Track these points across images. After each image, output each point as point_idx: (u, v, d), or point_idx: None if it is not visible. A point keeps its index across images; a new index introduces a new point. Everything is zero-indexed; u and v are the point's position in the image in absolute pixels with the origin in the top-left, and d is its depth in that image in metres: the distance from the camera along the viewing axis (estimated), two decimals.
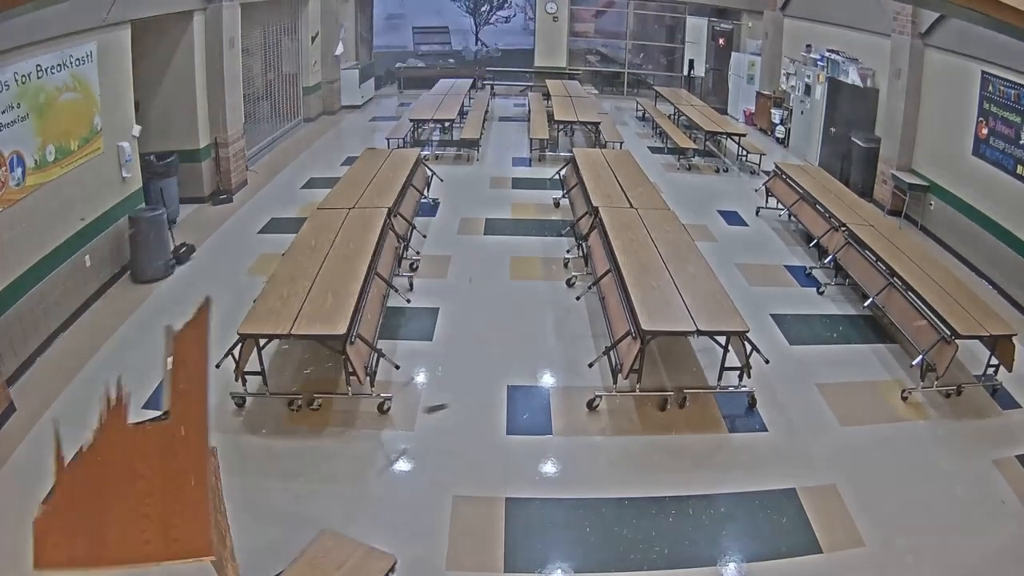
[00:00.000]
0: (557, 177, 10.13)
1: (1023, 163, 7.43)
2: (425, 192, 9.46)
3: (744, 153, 12.04)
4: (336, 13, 14.85)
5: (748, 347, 5.39)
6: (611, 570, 4.01)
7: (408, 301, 6.88)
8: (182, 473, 2.91)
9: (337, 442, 5.00)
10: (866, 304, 6.77)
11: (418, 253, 8.00)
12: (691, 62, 17.47)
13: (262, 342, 5.23)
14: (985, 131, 8.04)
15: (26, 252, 5.78)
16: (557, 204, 9.71)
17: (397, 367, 5.75)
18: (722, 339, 5.52)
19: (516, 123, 14.89)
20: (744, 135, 12.27)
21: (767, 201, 9.73)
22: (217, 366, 5.03)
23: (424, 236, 8.55)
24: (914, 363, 5.82)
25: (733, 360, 5.53)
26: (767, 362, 5.69)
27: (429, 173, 10.07)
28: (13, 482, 4.50)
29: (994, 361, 5.66)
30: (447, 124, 12.75)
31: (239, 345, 5.10)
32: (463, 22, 23.24)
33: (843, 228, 7.48)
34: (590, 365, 5.86)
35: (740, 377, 5.48)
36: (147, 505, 2.87)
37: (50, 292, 6.06)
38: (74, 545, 2.76)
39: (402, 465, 4.83)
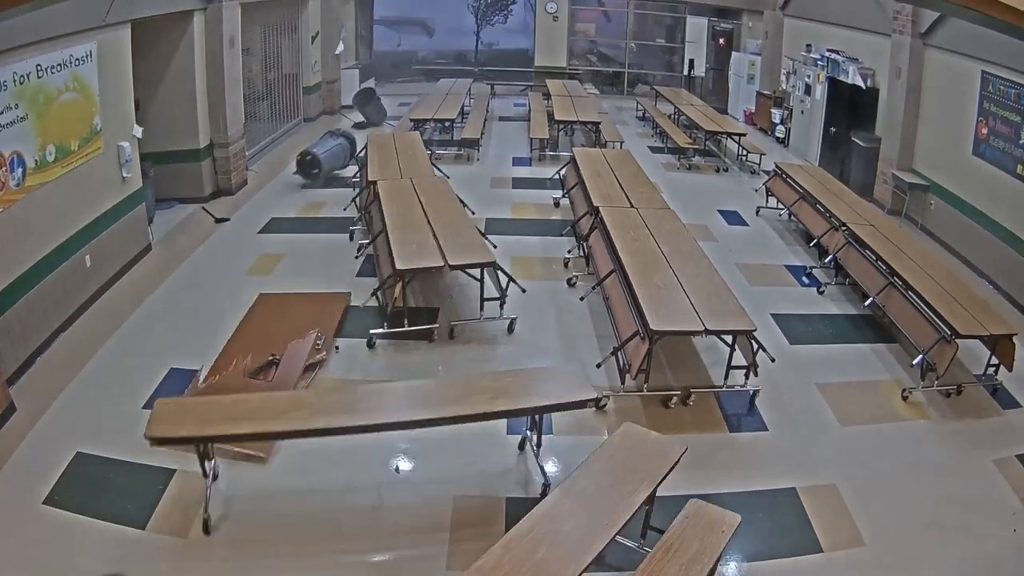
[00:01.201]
0: (557, 177, 10.12)
1: (1023, 163, 7.44)
2: None
3: (744, 153, 12.03)
4: (336, 13, 14.84)
5: (755, 346, 5.40)
6: (612, 569, 4.01)
7: (495, 246, 7.40)
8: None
9: None
10: (866, 304, 6.77)
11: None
12: (691, 62, 17.46)
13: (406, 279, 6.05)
14: (985, 131, 8.04)
15: (26, 252, 5.78)
16: (557, 204, 9.70)
17: (524, 290, 6.71)
18: (729, 338, 5.52)
19: (516, 123, 14.88)
20: (744, 135, 12.25)
21: (767, 201, 9.72)
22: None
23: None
24: (914, 363, 5.83)
25: (737, 359, 5.53)
26: (773, 360, 5.69)
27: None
28: (13, 482, 4.49)
29: (994, 361, 5.67)
30: (447, 124, 12.74)
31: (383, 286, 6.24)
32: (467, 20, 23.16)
33: (843, 228, 7.48)
34: (598, 366, 5.85)
35: (747, 376, 5.48)
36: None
37: (50, 292, 6.06)
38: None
39: (402, 465, 4.84)
